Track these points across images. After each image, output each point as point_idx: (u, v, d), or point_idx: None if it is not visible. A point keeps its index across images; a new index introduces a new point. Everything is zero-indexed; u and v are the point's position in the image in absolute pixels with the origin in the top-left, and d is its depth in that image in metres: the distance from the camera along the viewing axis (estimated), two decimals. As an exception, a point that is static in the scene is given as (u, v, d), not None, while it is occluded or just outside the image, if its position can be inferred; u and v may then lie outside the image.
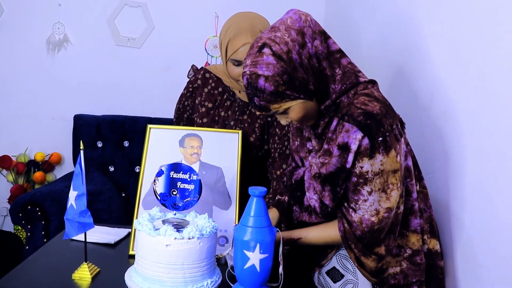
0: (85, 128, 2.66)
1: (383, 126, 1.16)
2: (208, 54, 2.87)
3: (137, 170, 2.66)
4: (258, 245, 1.14)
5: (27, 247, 2.19)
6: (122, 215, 2.41)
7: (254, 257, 1.15)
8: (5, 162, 2.74)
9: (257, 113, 1.23)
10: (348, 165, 1.19)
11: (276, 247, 1.21)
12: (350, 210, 1.23)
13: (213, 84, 1.79)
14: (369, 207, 1.20)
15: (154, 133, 1.60)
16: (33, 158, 2.81)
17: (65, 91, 2.83)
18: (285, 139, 1.72)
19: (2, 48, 2.77)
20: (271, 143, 1.75)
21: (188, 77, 1.85)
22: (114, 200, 2.43)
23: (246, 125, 1.74)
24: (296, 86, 1.16)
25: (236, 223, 1.45)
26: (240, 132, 1.62)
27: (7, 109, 2.81)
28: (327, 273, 1.35)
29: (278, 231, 1.20)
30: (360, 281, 1.31)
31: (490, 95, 1.22)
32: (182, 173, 1.34)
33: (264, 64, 1.14)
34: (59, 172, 2.89)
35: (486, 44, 1.24)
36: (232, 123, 1.75)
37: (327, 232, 1.29)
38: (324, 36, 1.22)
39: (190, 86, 1.82)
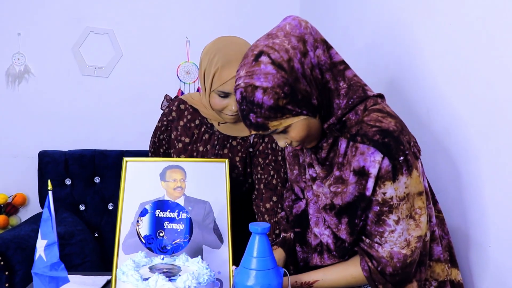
0: (52, 165, 2.46)
1: (402, 144, 1.03)
2: (180, 80, 2.72)
3: (110, 208, 2.47)
4: (264, 291, 0.99)
5: (-12, 303, 1.96)
6: (97, 258, 2.21)
7: (261, 305, 0.99)
8: (-38, 207, 2.51)
9: (253, 132, 1.08)
10: (368, 193, 1.04)
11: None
12: (376, 245, 1.08)
13: (189, 117, 1.65)
14: (397, 238, 1.05)
15: (131, 166, 1.44)
16: (-7, 201, 2.58)
17: (28, 126, 2.64)
18: (269, 168, 1.58)
19: (-43, 83, 2.56)
20: (254, 174, 1.61)
21: (162, 109, 1.71)
22: (87, 242, 2.23)
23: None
24: (299, 100, 1.02)
25: (231, 263, 1.30)
26: (226, 161, 1.48)
27: (-37, 148, 2.59)
28: None
29: (285, 272, 1.05)
30: None
31: (501, 103, 1.12)
32: (169, 211, 1.18)
33: (262, 74, 0.99)
34: (24, 215, 2.66)
35: (490, 46, 1.14)
36: (211, 158, 1.61)
37: (349, 271, 1.13)
38: (326, 45, 1.09)
39: (165, 119, 1.67)
